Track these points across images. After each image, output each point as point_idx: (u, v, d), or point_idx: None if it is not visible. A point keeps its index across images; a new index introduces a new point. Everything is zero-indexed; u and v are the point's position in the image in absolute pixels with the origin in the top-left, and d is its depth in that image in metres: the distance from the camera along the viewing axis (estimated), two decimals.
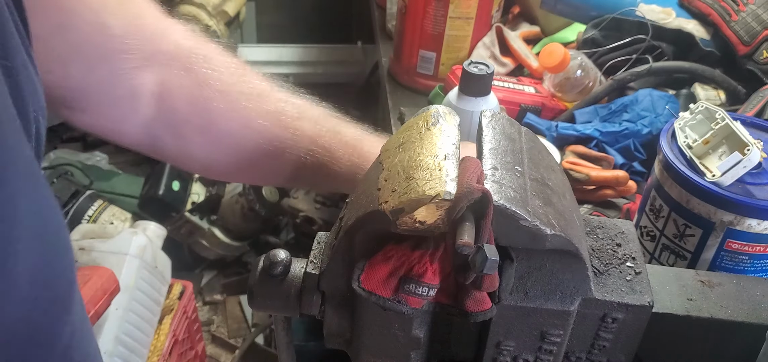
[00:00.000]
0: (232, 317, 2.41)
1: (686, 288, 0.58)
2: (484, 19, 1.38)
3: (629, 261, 0.56)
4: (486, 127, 0.56)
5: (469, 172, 0.47)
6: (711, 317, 0.55)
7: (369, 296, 0.49)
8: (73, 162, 2.78)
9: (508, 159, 0.53)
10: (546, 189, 0.52)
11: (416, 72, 1.43)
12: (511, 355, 0.55)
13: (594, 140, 1.13)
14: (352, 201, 0.54)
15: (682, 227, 0.76)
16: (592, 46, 1.34)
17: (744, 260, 0.74)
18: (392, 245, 0.49)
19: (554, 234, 0.48)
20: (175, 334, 1.68)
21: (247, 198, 2.36)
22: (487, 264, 0.44)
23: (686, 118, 0.80)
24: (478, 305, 0.49)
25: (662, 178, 0.78)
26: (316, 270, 0.56)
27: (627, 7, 1.34)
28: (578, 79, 1.27)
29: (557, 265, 0.51)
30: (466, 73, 0.94)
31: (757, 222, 0.71)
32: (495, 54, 1.40)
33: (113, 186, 2.64)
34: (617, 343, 0.55)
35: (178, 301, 1.75)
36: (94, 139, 3.10)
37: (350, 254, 0.52)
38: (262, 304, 0.56)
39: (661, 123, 1.12)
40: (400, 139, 0.54)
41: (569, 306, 0.52)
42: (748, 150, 0.71)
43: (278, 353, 0.64)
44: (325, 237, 0.59)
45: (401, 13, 1.42)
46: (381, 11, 1.85)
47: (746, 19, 1.24)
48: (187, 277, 2.08)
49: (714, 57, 1.27)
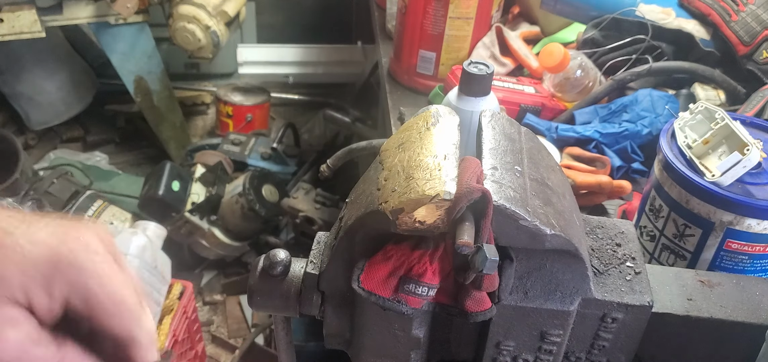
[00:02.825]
0: (232, 317, 2.41)
1: (686, 288, 0.58)
2: (484, 19, 1.38)
3: (629, 261, 0.56)
4: (486, 127, 0.56)
5: (469, 172, 0.48)
6: (711, 317, 0.55)
7: (369, 296, 0.49)
8: (73, 162, 2.78)
9: (508, 159, 0.53)
10: (546, 189, 0.52)
11: (416, 72, 1.43)
12: (511, 355, 0.55)
13: (594, 141, 1.13)
14: (352, 201, 0.54)
15: (682, 227, 0.76)
16: (592, 46, 1.34)
17: (744, 260, 0.74)
18: (392, 245, 0.49)
19: (554, 234, 0.48)
20: (175, 334, 1.68)
21: (247, 198, 2.36)
22: (487, 264, 0.45)
23: (686, 118, 0.80)
24: (478, 305, 0.50)
25: (662, 178, 0.78)
26: (316, 270, 0.56)
27: (627, 7, 1.34)
28: (578, 79, 1.27)
29: (557, 265, 0.51)
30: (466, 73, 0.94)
31: (757, 222, 0.71)
32: (495, 54, 1.40)
33: (113, 187, 2.64)
34: (617, 343, 0.55)
35: (178, 301, 1.75)
36: (95, 139, 3.11)
37: (350, 254, 0.52)
38: (262, 304, 0.56)
39: (660, 123, 1.12)
40: (400, 139, 0.54)
41: (569, 306, 0.52)
42: (747, 150, 0.71)
43: (278, 353, 0.64)
44: (325, 237, 0.59)
45: (401, 13, 1.42)
46: (381, 11, 1.85)
47: (746, 19, 1.24)
48: (187, 277, 2.08)
49: (714, 57, 1.27)
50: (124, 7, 2.30)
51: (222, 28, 2.47)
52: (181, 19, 2.39)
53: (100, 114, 3.17)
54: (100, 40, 2.51)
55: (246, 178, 2.41)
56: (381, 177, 0.51)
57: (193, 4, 2.39)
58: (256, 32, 3.47)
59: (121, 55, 2.52)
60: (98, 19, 2.38)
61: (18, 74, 2.79)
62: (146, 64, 2.60)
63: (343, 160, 1.05)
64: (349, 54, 3.31)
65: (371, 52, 3.01)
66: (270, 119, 3.18)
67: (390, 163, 0.51)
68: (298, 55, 3.34)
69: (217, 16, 2.44)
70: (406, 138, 0.53)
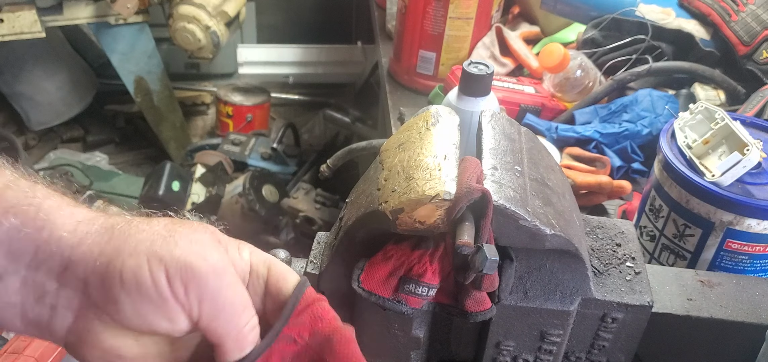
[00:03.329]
0: None
1: (686, 288, 0.58)
2: (484, 20, 1.38)
3: (629, 261, 0.56)
4: (486, 126, 0.56)
5: (469, 172, 0.48)
6: (711, 317, 0.55)
7: (369, 296, 0.49)
8: (73, 162, 2.78)
9: (508, 159, 0.53)
10: (546, 189, 0.52)
11: (416, 72, 1.43)
12: (511, 355, 0.55)
13: (594, 141, 1.13)
14: (352, 201, 0.54)
15: (682, 227, 0.76)
16: (592, 46, 1.34)
17: (744, 260, 0.74)
18: (392, 245, 0.49)
19: (554, 234, 0.48)
20: None
21: (247, 198, 2.36)
22: (487, 264, 0.45)
23: (686, 118, 0.80)
24: (477, 305, 0.50)
25: (662, 178, 0.78)
26: (316, 270, 0.56)
27: (627, 7, 1.34)
28: (578, 79, 1.27)
29: (557, 265, 0.51)
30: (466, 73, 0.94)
31: (757, 222, 0.71)
32: (495, 54, 1.40)
33: (113, 187, 2.64)
34: (617, 343, 0.55)
35: None
36: (95, 139, 3.11)
37: (350, 254, 0.52)
38: None
39: (660, 123, 1.12)
40: (400, 139, 0.54)
41: (569, 306, 0.52)
42: (747, 150, 0.71)
43: None
44: (325, 237, 0.59)
45: (401, 13, 1.42)
46: (381, 11, 1.85)
47: (746, 19, 1.24)
48: None
49: (714, 57, 1.27)
50: (124, 7, 2.30)
51: (222, 28, 2.47)
52: (181, 19, 2.39)
53: (100, 114, 3.17)
54: (100, 40, 2.51)
55: (246, 178, 2.41)
56: (381, 177, 0.51)
57: (193, 4, 2.39)
58: (256, 32, 3.47)
59: (121, 55, 2.52)
60: (98, 19, 2.38)
61: (18, 74, 2.79)
62: (146, 64, 2.60)
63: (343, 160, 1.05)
64: (349, 54, 3.31)
65: (371, 52, 3.01)
66: (270, 119, 3.18)
67: (390, 163, 0.51)
68: (298, 55, 3.34)
69: (217, 16, 2.44)
70: (406, 138, 0.53)
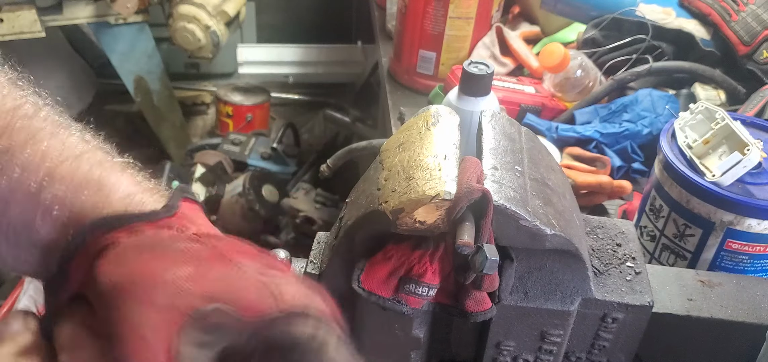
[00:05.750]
0: None
1: (686, 288, 0.58)
2: (484, 19, 1.38)
3: (629, 261, 0.56)
4: (486, 126, 0.56)
5: (469, 172, 0.47)
6: (711, 317, 0.55)
7: (369, 296, 0.49)
8: None
9: (508, 159, 0.53)
10: (546, 189, 0.52)
11: (416, 72, 1.43)
12: (511, 355, 0.55)
13: (594, 141, 1.13)
14: (352, 201, 0.54)
15: (682, 227, 0.76)
16: (592, 46, 1.34)
17: (744, 260, 0.74)
18: (392, 245, 0.49)
19: (554, 234, 0.48)
20: None
21: (247, 198, 2.36)
22: (487, 264, 0.45)
23: (686, 118, 0.80)
24: (478, 305, 0.49)
25: (662, 178, 0.78)
26: (316, 270, 0.56)
27: (627, 7, 1.34)
28: (578, 79, 1.27)
29: (557, 265, 0.51)
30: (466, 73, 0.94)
31: (757, 222, 0.71)
32: (495, 54, 1.40)
33: None
34: (617, 343, 0.55)
35: None
36: None
37: (350, 254, 0.52)
38: None
39: (661, 123, 1.12)
40: (400, 139, 0.54)
41: (569, 306, 0.52)
42: (747, 150, 0.71)
43: None
44: (325, 237, 0.59)
45: (401, 13, 1.42)
46: (381, 11, 1.85)
47: (746, 19, 1.24)
48: None
49: (714, 57, 1.27)
50: (124, 7, 2.30)
51: (222, 28, 2.47)
52: (181, 19, 2.39)
53: (100, 114, 3.17)
54: (100, 40, 2.50)
55: (246, 178, 2.41)
56: (381, 177, 0.51)
57: (193, 4, 2.39)
58: (256, 32, 3.47)
59: (121, 55, 2.52)
60: (98, 19, 2.38)
61: None
62: (146, 63, 2.60)
63: (343, 160, 1.05)
64: (349, 54, 3.31)
65: (371, 52, 3.01)
66: (270, 119, 3.18)
67: (390, 163, 0.51)
68: (298, 55, 3.34)
69: (217, 16, 2.44)
70: (406, 138, 0.53)
